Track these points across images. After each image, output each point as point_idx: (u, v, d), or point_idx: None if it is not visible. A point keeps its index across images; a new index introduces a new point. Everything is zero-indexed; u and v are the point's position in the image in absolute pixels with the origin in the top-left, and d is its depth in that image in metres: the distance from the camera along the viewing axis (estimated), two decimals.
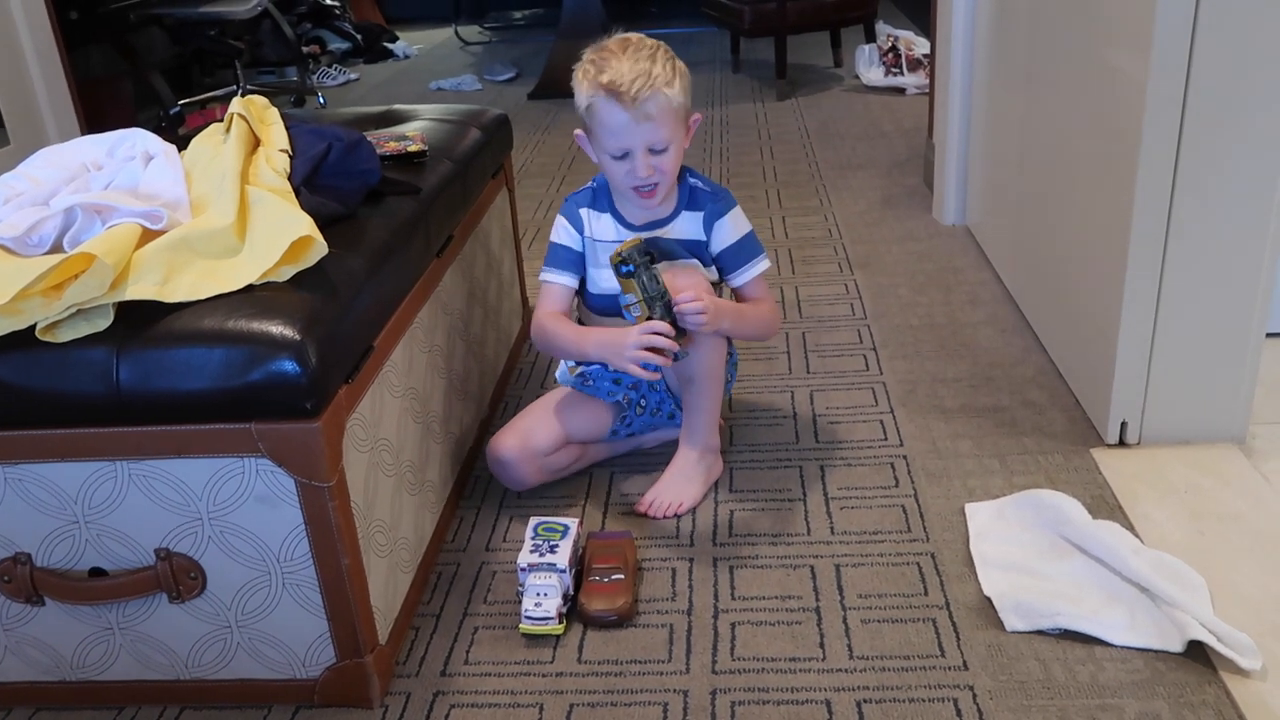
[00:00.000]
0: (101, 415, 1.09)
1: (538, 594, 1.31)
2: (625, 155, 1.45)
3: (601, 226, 1.57)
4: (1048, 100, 1.88)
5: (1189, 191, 1.45)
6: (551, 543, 1.37)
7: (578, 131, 1.52)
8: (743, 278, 1.58)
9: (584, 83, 1.45)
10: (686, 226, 1.56)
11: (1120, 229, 1.51)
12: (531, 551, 1.35)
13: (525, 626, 1.31)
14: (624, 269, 1.42)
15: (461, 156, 1.72)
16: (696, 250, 1.56)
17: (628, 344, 1.42)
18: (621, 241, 1.51)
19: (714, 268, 1.58)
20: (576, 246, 1.58)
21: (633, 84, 1.40)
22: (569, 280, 1.59)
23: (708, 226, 1.56)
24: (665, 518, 1.52)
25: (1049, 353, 1.90)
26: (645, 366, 1.42)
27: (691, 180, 1.57)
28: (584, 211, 1.58)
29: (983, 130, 2.39)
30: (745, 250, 1.58)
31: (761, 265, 1.59)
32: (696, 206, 1.56)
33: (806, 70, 4.50)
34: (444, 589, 1.43)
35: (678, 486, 1.54)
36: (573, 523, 1.41)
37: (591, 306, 1.62)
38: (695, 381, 1.53)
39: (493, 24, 6.44)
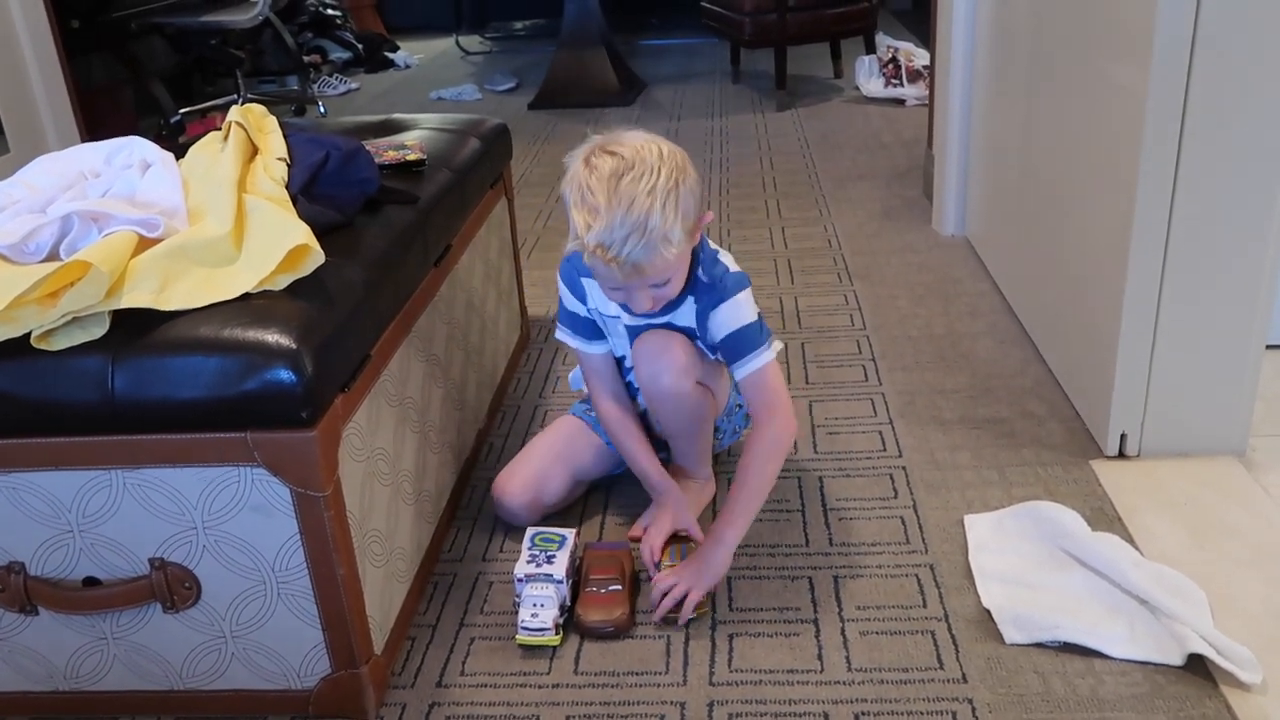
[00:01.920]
0: (96, 424, 1.08)
1: (534, 605, 1.31)
2: (621, 288, 1.33)
3: (602, 299, 1.45)
4: (1047, 112, 1.88)
5: (1189, 203, 1.45)
6: (548, 553, 1.36)
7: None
8: (743, 370, 1.41)
9: (573, 215, 1.26)
10: (685, 313, 1.44)
11: (1120, 240, 1.51)
12: (528, 562, 1.35)
13: (522, 637, 1.30)
14: None
15: (460, 166, 1.72)
16: (692, 336, 1.46)
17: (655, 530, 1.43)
18: (618, 319, 1.46)
19: (716, 354, 1.47)
20: (584, 314, 1.49)
21: (624, 243, 1.22)
22: (603, 349, 1.50)
23: (701, 319, 1.43)
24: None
25: (1048, 364, 1.90)
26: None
27: (699, 269, 1.41)
28: (586, 282, 1.46)
29: (982, 142, 2.39)
30: (743, 343, 1.40)
31: (762, 358, 1.40)
32: (695, 297, 1.42)
33: (806, 81, 4.51)
34: (440, 599, 1.42)
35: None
36: (570, 533, 1.40)
37: None
38: (679, 437, 1.51)
39: (494, 34, 6.45)
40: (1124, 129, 1.49)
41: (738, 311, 1.40)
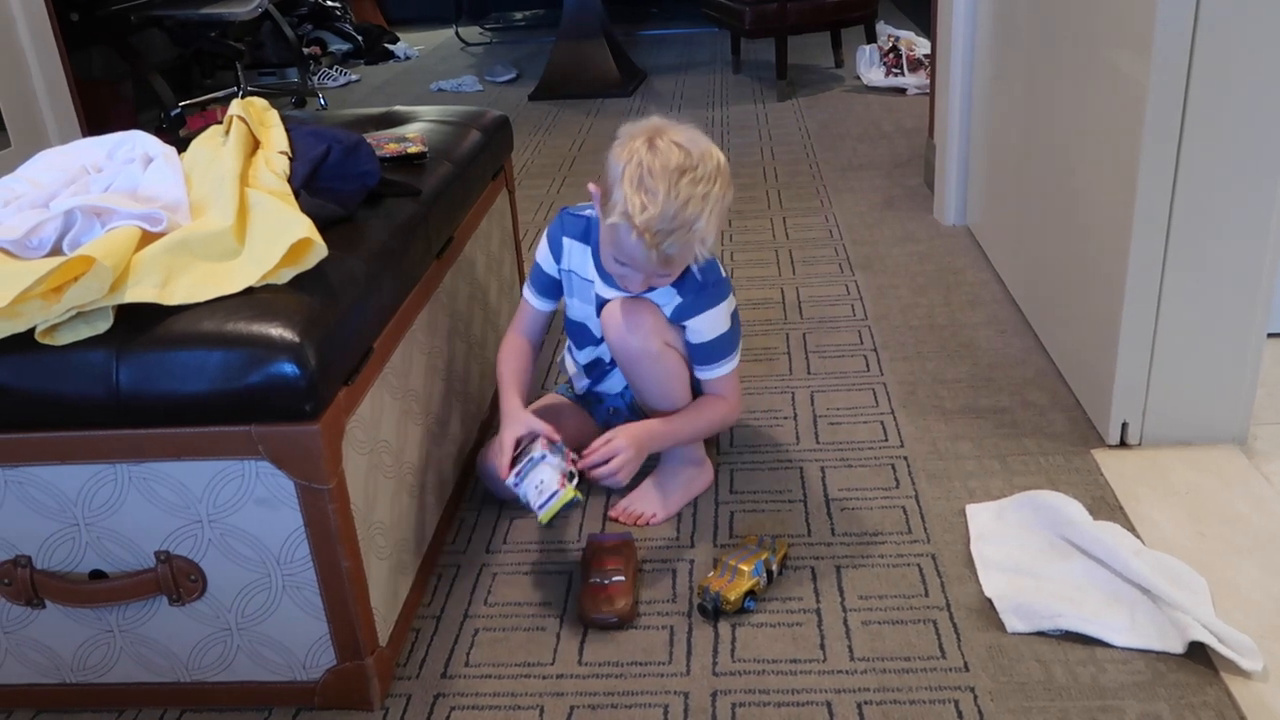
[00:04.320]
0: (101, 418, 1.09)
1: (537, 485, 1.32)
2: (630, 265, 1.37)
3: (581, 261, 1.52)
4: (1048, 101, 1.88)
5: (1190, 191, 1.45)
6: (531, 456, 1.37)
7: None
8: (705, 374, 1.50)
9: (623, 188, 1.30)
10: (660, 298, 1.46)
11: (1121, 229, 1.51)
12: (516, 472, 1.36)
13: (543, 515, 1.31)
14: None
15: (461, 158, 1.72)
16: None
17: (498, 445, 1.41)
18: (592, 284, 1.50)
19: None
20: (553, 274, 1.55)
21: (670, 235, 1.29)
22: (545, 306, 1.57)
23: (680, 316, 1.46)
24: (635, 525, 1.52)
25: (1050, 353, 1.90)
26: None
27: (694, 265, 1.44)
28: (568, 242, 1.52)
29: (983, 131, 2.38)
30: (716, 351, 1.49)
31: (729, 365, 1.50)
32: (680, 290, 1.45)
33: (807, 71, 4.50)
34: (445, 590, 1.42)
35: (651, 497, 1.54)
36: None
37: (568, 330, 1.62)
38: (660, 407, 1.51)
39: (494, 25, 6.44)
40: (1125, 118, 1.49)
41: (715, 323, 1.48)
